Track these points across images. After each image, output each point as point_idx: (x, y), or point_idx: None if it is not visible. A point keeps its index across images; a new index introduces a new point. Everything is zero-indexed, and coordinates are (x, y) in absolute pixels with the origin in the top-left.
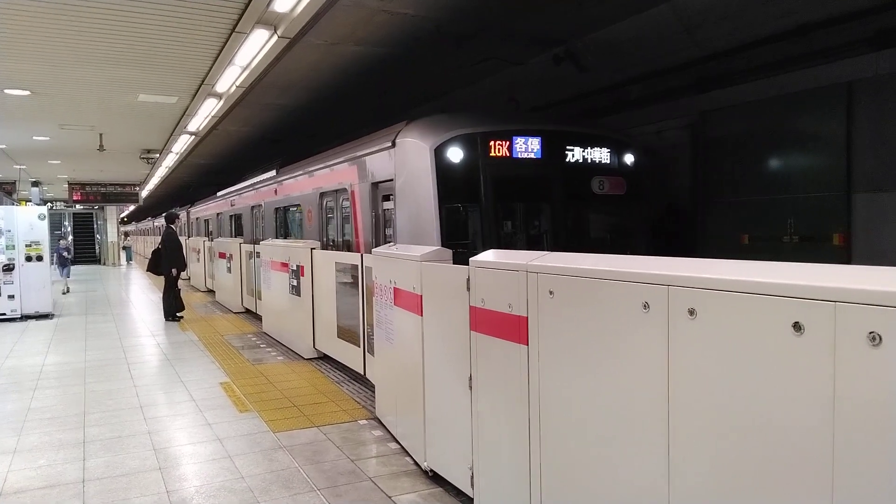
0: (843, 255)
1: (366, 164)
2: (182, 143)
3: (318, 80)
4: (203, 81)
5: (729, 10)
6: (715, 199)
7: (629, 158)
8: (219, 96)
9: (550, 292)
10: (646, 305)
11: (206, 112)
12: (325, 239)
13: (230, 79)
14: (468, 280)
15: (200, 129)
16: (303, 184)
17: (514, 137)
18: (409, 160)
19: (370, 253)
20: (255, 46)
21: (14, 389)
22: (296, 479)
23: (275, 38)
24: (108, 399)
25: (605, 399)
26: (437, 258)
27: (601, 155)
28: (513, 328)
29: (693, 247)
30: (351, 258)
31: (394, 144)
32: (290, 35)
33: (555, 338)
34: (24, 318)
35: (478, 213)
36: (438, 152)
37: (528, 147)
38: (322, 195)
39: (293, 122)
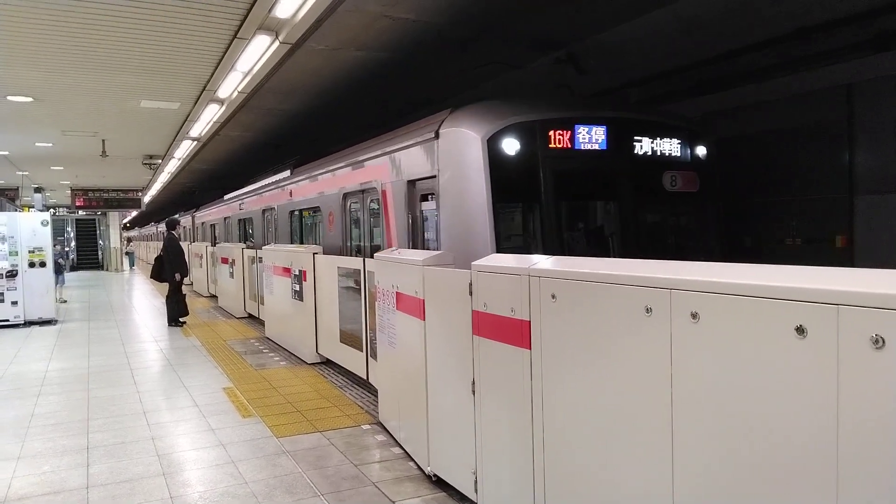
0: (846, 258)
1: (401, 160)
2: (184, 149)
3: (320, 86)
4: (205, 87)
5: (728, 14)
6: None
7: (701, 150)
8: (221, 102)
9: (553, 296)
10: (648, 309)
11: (209, 118)
12: (349, 244)
13: (232, 84)
14: (470, 284)
15: (203, 134)
16: (322, 184)
17: (576, 126)
18: (457, 153)
19: None
20: (257, 52)
21: (17, 396)
22: (299, 484)
23: (276, 43)
24: (112, 405)
25: (607, 403)
26: (439, 262)
27: (672, 146)
28: (515, 332)
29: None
30: (353, 263)
31: (437, 135)
32: (291, 41)
33: (557, 342)
34: (28, 324)
35: (536, 213)
36: (492, 143)
37: (592, 137)
38: (346, 196)
39: (295, 127)
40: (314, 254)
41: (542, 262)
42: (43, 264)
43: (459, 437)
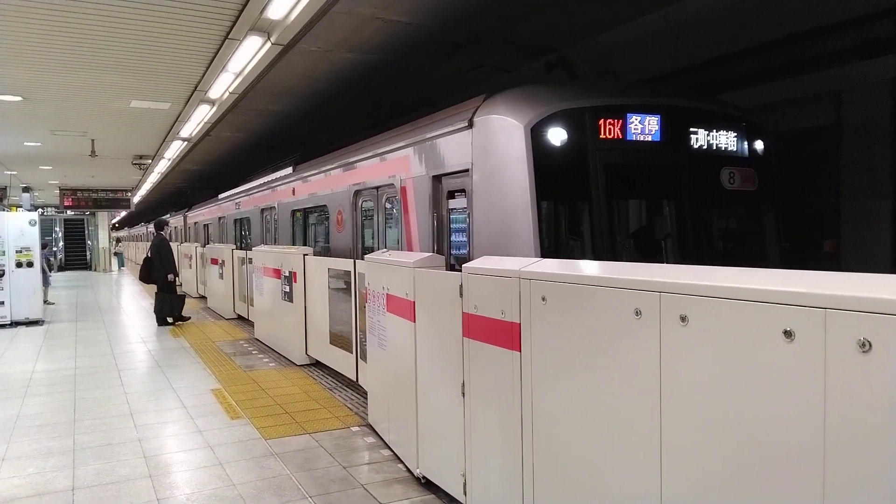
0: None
1: (424, 153)
2: (175, 149)
3: (312, 87)
4: (196, 88)
5: (719, 19)
6: None
7: (759, 145)
8: (212, 102)
9: (543, 299)
10: (638, 312)
11: (199, 118)
12: (360, 246)
13: (223, 85)
14: (461, 286)
15: (193, 135)
16: (330, 181)
17: (627, 114)
18: (495, 144)
19: None
20: (249, 53)
21: (3, 397)
22: (287, 486)
23: (268, 44)
24: (99, 406)
25: (597, 405)
26: (430, 265)
27: (730, 139)
28: (505, 335)
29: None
30: (344, 264)
31: (471, 124)
32: (283, 42)
33: (547, 344)
34: (14, 324)
35: (585, 212)
36: (536, 132)
37: (645, 127)
38: (357, 194)
39: (287, 128)
40: (304, 255)
41: (533, 264)
42: (30, 264)
43: (449, 439)
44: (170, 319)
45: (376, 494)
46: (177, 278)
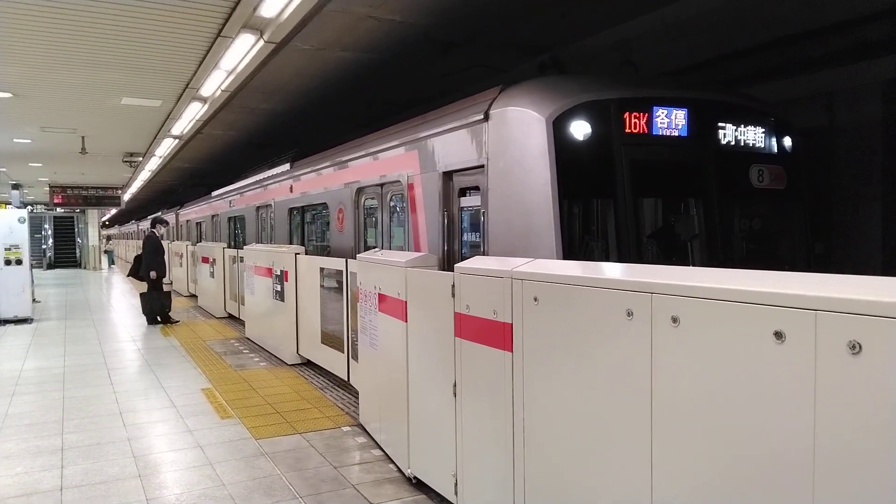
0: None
1: (434, 148)
2: (166, 147)
3: (305, 86)
4: (187, 85)
5: (712, 21)
6: None
7: (788, 141)
8: (203, 100)
9: (535, 299)
10: (629, 313)
11: (191, 116)
12: (363, 246)
13: (215, 83)
14: (453, 286)
15: (184, 132)
16: (331, 178)
17: (653, 107)
18: (513, 138)
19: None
20: (241, 51)
21: None
22: (278, 486)
23: (261, 42)
24: (88, 405)
25: (588, 406)
26: (422, 264)
27: (759, 135)
28: (497, 335)
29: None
30: (336, 264)
31: (487, 117)
32: (276, 40)
33: (539, 345)
34: (3, 322)
35: (611, 211)
36: (558, 126)
37: (671, 121)
38: (360, 191)
39: (279, 126)
40: (296, 254)
41: (525, 264)
42: (19, 262)
43: (440, 439)
44: (158, 318)
45: (367, 494)
46: (162, 276)
